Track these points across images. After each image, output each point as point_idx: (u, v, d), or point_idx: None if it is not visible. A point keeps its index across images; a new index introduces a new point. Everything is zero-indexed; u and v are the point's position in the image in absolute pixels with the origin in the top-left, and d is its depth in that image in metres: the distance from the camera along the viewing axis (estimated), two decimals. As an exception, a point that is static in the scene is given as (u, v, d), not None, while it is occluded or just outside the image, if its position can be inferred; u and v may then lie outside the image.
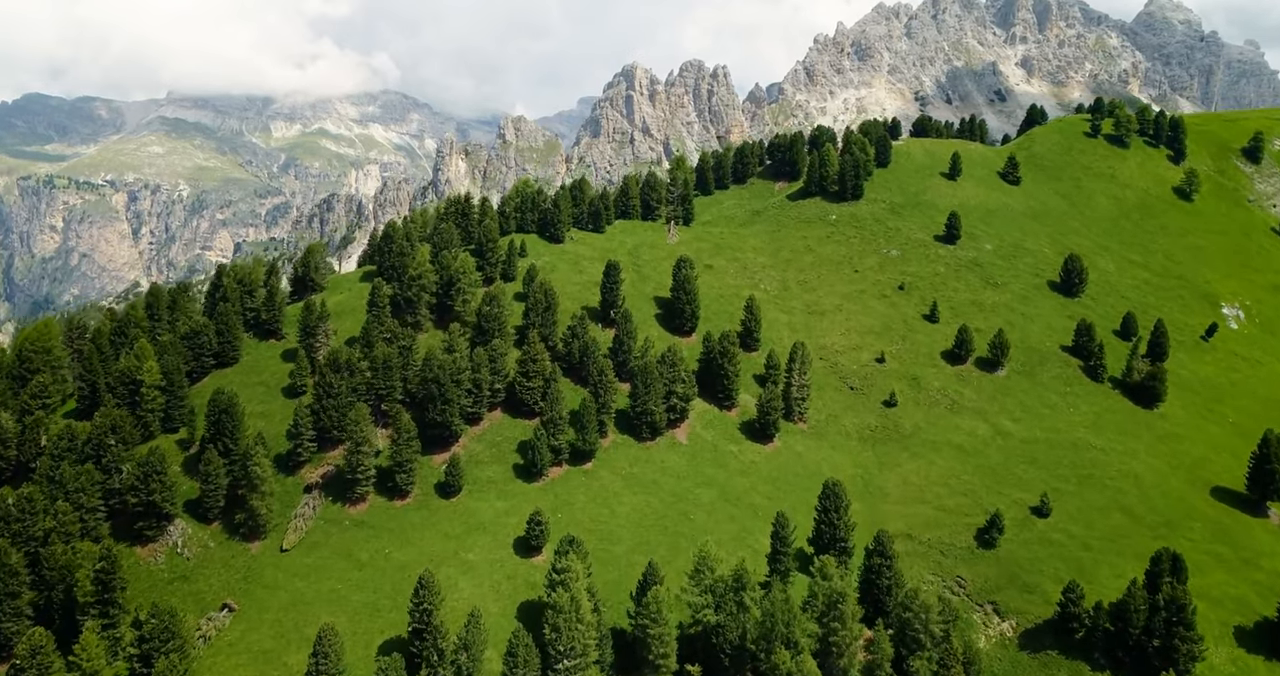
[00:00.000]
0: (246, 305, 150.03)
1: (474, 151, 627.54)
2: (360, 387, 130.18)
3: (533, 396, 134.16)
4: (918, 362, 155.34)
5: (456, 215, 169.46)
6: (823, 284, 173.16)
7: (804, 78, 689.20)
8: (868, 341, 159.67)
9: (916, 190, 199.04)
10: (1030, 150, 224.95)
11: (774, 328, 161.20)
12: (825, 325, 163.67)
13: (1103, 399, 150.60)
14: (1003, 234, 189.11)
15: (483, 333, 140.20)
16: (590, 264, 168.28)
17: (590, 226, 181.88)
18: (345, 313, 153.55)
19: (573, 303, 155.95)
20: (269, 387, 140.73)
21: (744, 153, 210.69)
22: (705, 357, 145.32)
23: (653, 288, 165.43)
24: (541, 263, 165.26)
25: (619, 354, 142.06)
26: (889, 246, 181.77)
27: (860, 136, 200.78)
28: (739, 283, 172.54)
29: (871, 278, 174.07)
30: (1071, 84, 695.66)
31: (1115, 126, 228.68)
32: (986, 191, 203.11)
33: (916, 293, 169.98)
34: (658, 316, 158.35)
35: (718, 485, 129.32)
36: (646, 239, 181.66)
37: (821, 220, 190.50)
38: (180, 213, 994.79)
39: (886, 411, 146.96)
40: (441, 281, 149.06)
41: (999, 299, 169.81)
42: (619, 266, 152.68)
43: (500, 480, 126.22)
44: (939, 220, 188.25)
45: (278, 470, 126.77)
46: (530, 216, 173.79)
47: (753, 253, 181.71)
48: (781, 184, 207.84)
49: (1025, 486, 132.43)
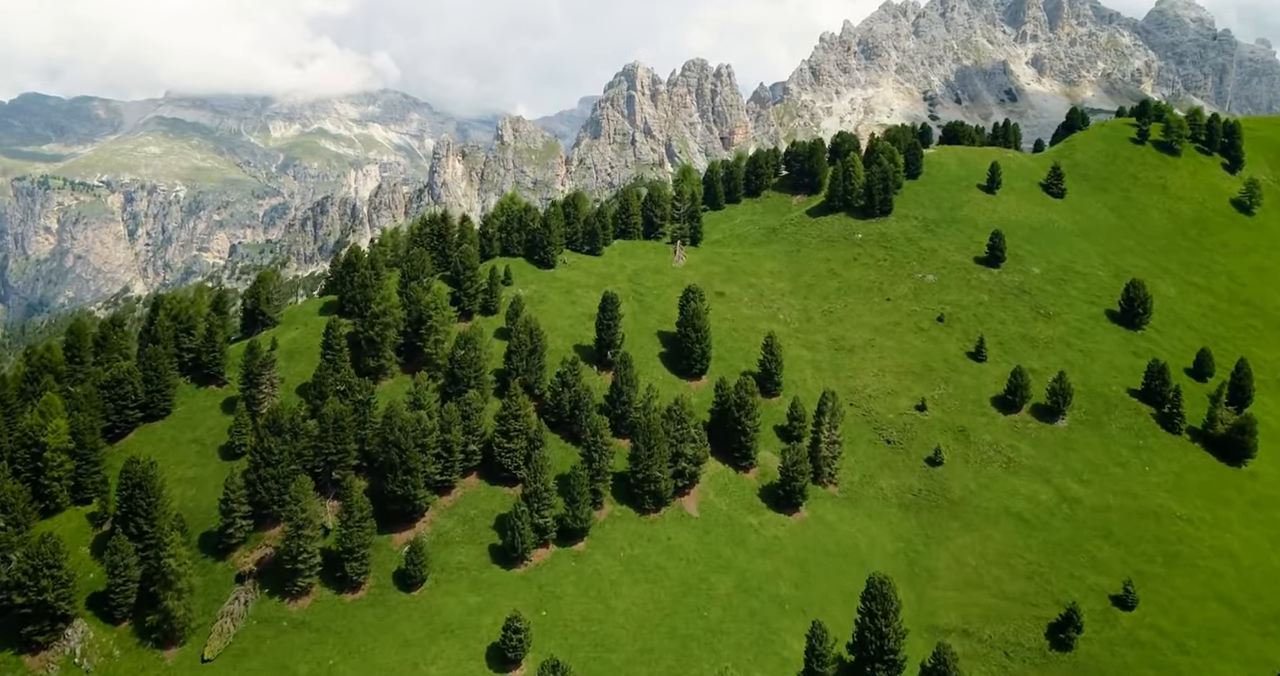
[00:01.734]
0: (183, 344, 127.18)
1: (471, 153, 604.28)
2: (306, 452, 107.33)
3: (514, 459, 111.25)
4: (964, 411, 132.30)
5: (431, 236, 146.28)
6: (850, 314, 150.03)
7: (810, 77, 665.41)
8: (905, 384, 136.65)
9: (951, 205, 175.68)
10: (1072, 158, 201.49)
11: (796, 367, 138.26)
12: (855, 364, 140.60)
13: (1181, 454, 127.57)
14: (1050, 254, 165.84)
15: (456, 381, 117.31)
16: (585, 293, 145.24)
17: (586, 248, 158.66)
18: (301, 352, 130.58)
19: (564, 340, 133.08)
20: (204, 446, 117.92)
21: (758, 162, 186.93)
22: (718, 408, 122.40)
23: (656, 320, 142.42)
24: (529, 292, 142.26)
25: (617, 404, 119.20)
26: (924, 270, 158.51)
27: (888, 144, 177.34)
28: (755, 313, 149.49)
29: (906, 307, 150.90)
30: (1083, 83, 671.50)
31: (1165, 132, 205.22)
32: (1029, 205, 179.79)
33: (958, 325, 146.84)
34: (662, 356, 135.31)
35: (735, 570, 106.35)
36: (649, 262, 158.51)
37: (846, 239, 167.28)
38: (177, 214, 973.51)
39: (931, 471, 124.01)
40: (410, 318, 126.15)
41: (1053, 332, 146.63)
42: (617, 299, 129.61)
43: (473, 566, 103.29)
44: (979, 239, 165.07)
45: (205, 554, 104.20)
46: (517, 237, 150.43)
47: (769, 277, 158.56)
48: (800, 197, 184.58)
49: (1102, 568, 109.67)
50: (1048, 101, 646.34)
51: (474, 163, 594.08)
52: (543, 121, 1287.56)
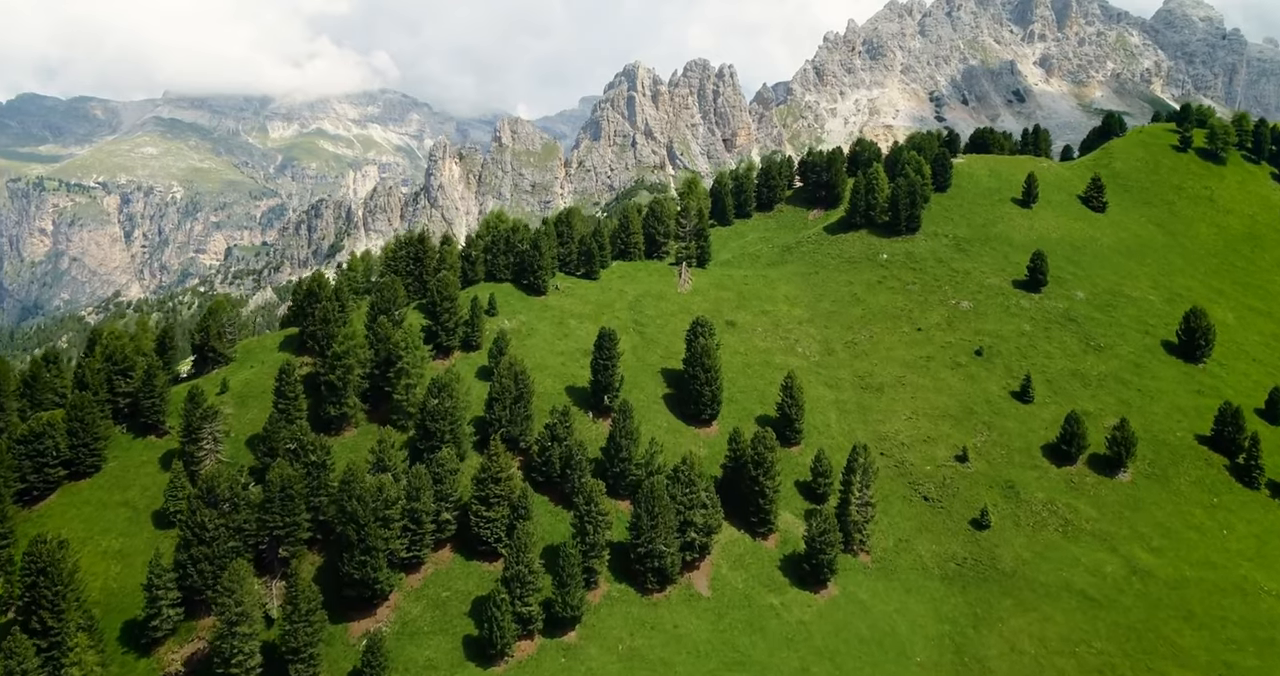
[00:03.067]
0: (119, 388, 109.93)
1: (468, 155, 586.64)
2: (249, 525, 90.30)
3: (494, 531, 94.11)
4: (1012, 462, 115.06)
5: (407, 260, 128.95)
6: (877, 347, 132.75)
7: (813, 77, 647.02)
8: (943, 430, 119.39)
9: (984, 220, 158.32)
10: (1111, 168, 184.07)
11: (818, 409, 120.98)
12: (884, 405, 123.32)
13: (1262, 514, 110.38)
14: (1095, 277, 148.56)
15: (428, 435, 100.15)
16: (579, 324, 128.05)
17: (581, 271, 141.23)
18: (255, 396, 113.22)
19: (555, 381, 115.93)
20: (135, 511, 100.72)
21: (770, 173, 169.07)
22: (732, 464, 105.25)
23: (660, 356, 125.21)
24: (516, 323, 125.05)
25: (615, 462, 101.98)
26: (958, 296, 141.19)
27: (914, 154, 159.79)
28: (770, 345, 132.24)
29: (939, 338, 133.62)
30: (1092, 84, 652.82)
31: (1209, 139, 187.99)
32: (1069, 221, 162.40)
33: (1000, 360, 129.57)
34: (667, 398, 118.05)
35: (754, 666, 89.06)
36: (652, 286, 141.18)
37: (870, 260, 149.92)
38: (174, 215, 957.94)
39: (977, 535, 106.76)
40: (378, 357, 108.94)
41: (1106, 367, 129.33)
42: (615, 335, 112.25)
43: (444, 663, 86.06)
44: (1016, 260, 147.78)
45: (127, 648, 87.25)
46: (504, 260, 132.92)
47: (786, 304, 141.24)
48: (817, 212, 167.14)
49: (1186, 659, 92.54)
50: (1057, 102, 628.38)
51: (471, 165, 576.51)
52: (543, 121, 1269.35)
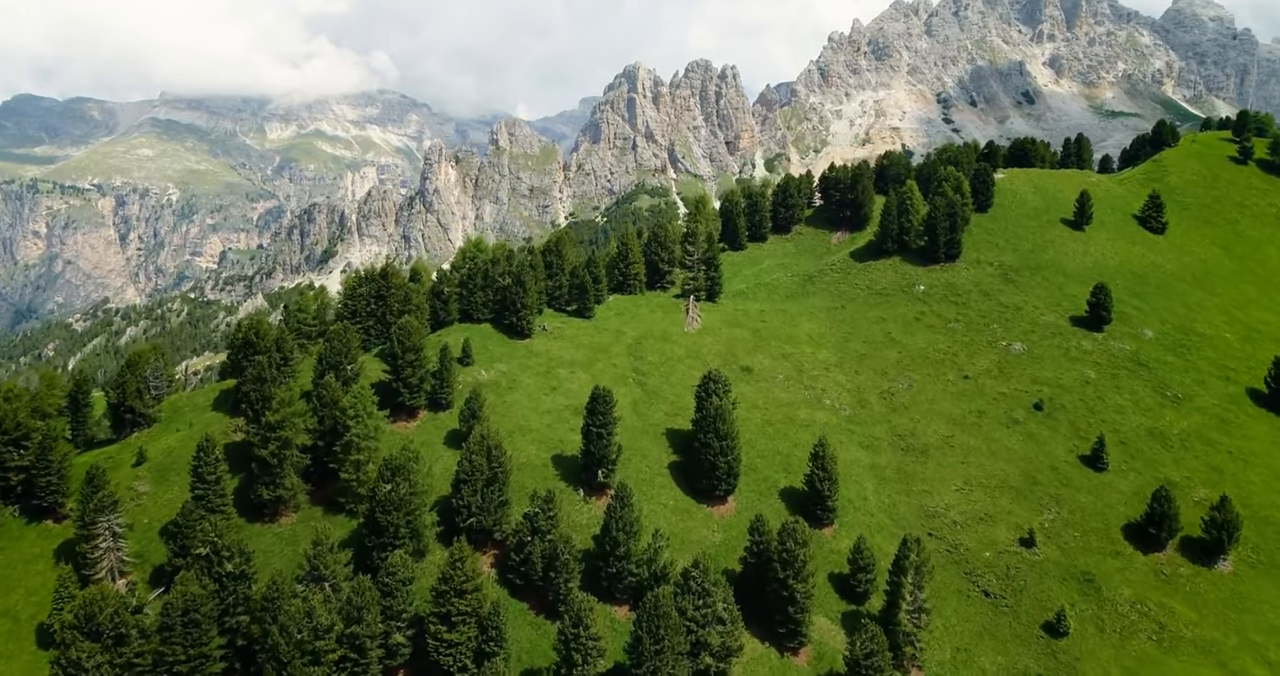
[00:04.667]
0: (9, 462, 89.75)
1: (465, 158, 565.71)
2: (142, 660, 70.11)
3: (458, 658, 73.93)
4: (1088, 547, 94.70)
5: (368, 299, 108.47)
6: (918, 399, 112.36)
7: (818, 78, 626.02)
8: (1002, 505, 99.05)
9: (1033, 245, 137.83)
10: (1165, 182, 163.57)
11: (852, 476, 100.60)
12: (930, 472, 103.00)
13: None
14: (1162, 311, 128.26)
15: (378, 529, 79.96)
16: (570, 374, 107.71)
17: (573, 307, 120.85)
18: (178, 468, 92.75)
19: (539, 448, 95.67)
20: (17, 623, 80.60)
21: (788, 191, 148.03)
22: (754, 558, 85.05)
23: (665, 412, 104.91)
24: (495, 375, 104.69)
25: (611, 559, 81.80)
26: (1008, 336, 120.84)
27: (952, 169, 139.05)
28: (793, 396, 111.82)
29: (991, 388, 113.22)
30: (1103, 84, 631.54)
31: (1273, 149, 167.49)
32: (1126, 245, 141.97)
33: (1063, 415, 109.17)
34: (675, 467, 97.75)
35: None
36: (654, 325, 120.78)
37: (904, 292, 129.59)
38: (170, 218, 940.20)
39: (1052, 645, 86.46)
40: (324, 425, 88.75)
41: (1188, 424, 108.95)
42: (611, 397, 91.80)
43: None
44: (1073, 292, 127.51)
45: None
46: (481, 297, 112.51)
47: (810, 345, 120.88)
48: (841, 235, 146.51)
49: None
50: (1067, 103, 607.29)
51: (468, 169, 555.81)
52: (543, 122, 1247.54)
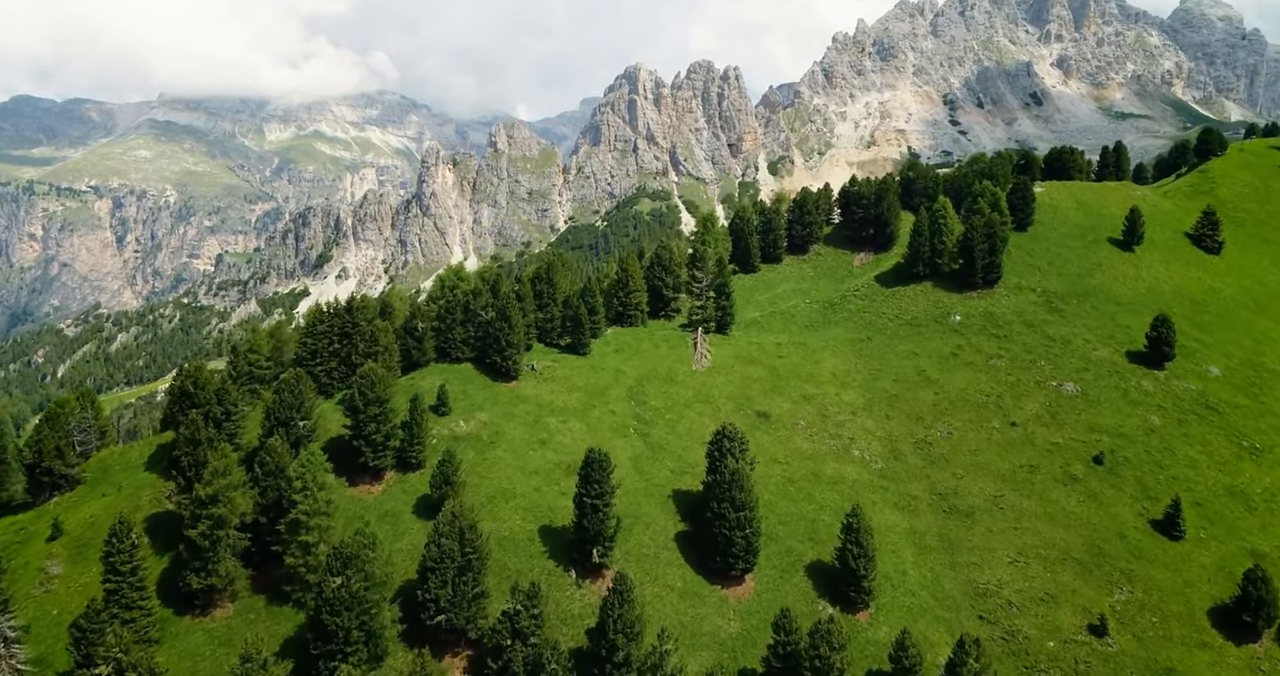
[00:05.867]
0: (-103, 540, 75.24)
1: (462, 161, 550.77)
2: None
3: (418, 803, 59.47)
4: (1169, 636, 79.94)
5: (331, 336, 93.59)
6: (959, 450, 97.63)
7: (821, 79, 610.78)
8: (1064, 581, 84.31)
9: (1079, 269, 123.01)
10: (1214, 195, 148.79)
11: (888, 544, 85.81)
12: (978, 540, 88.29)
13: None
14: (1227, 344, 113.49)
15: (325, 634, 65.38)
16: (562, 424, 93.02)
17: (566, 342, 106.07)
18: (100, 543, 78.51)
19: (525, 517, 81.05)
20: (-113, 747, 66.24)
21: (804, 207, 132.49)
22: (780, 660, 70.36)
23: (671, 468, 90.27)
24: (475, 426, 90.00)
25: (608, 667, 67.25)
26: (1058, 374, 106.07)
27: (987, 183, 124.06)
28: (817, 447, 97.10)
29: (1043, 438, 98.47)
30: (1112, 85, 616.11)
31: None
32: (1181, 267, 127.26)
33: (1128, 471, 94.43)
34: (682, 538, 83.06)
35: None
36: (659, 363, 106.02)
37: (938, 323, 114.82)
38: (167, 219, 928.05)
39: (1135, 763, 72.03)
40: (268, 499, 74.13)
41: (1271, 480, 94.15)
42: (608, 461, 77.11)
43: None
44: (1127, 323, 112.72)
45: None
46: (461, 333, 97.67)
47: (834, 384, 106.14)
48: (864, 256, 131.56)
49: None
50: (1076, 105, 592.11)
51: (465, 171, 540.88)
52: (544, 123, 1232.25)
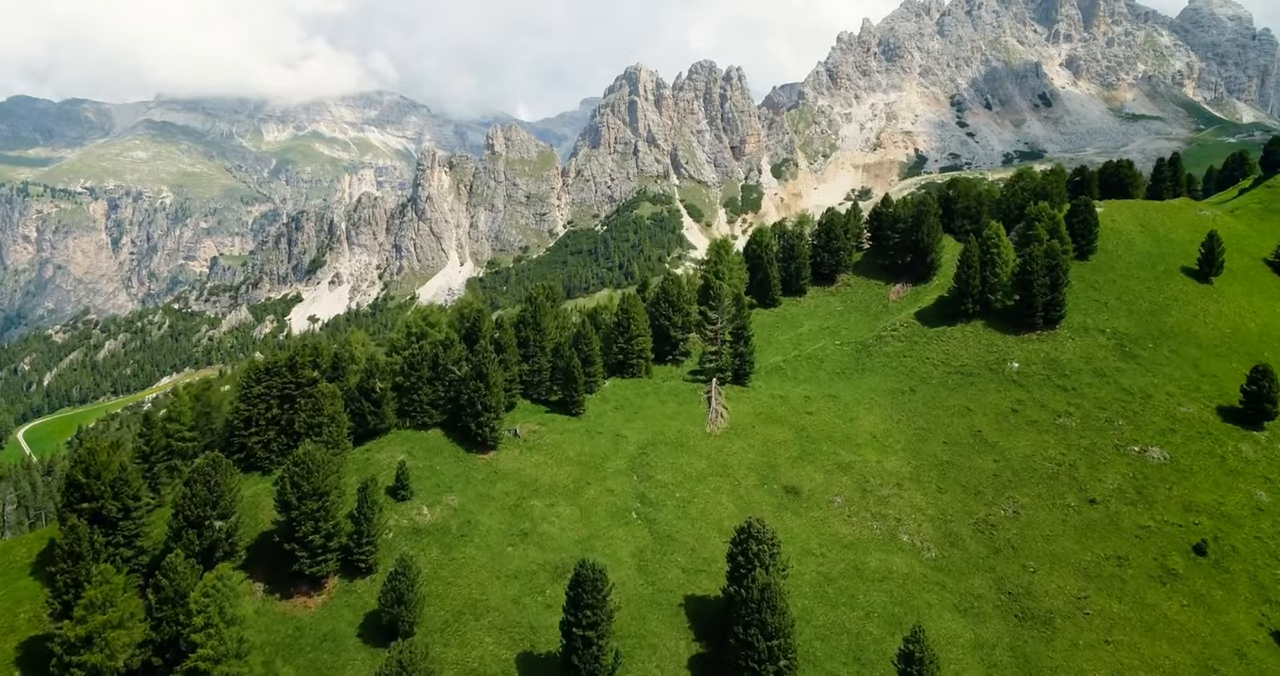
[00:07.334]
0: None
1: (459, 163, 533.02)
2: None
3: None
4: (1317, 797, 62.99)
5: (273, 399, 76.10)
6: (1029, 535, 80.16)
7: (826, 80, 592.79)
8: (1174, 717, 67.13)
9: (1151, 305, 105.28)
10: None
11: (950, 661, 68.23)
12: (1060, 658, 70.80)
13: None
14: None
15: None
16: (549, 508, 75.55)
17: (556, 397, 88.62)
18: (-40, 676, 61.44)
19: (499, 641, 63.63)
20: None
21: (832, 232, 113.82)
22: None
23: (682, 568, 72.78)
24: (441, 515, 72.56)
25: None
26: (1140, 437, 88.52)
27: (1044, 205, 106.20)
28: (858, 532, 79.67)
29: (1129, 520, 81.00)
30: (1122, 86, 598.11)
31: None
32: (1265, 302, 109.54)
33: (1237, 563, 76.95)
34: (698, 663, 65.72)
35: None
36: (666, 425, 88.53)
37: (993, 370, 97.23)
38: (163, 221, 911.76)
39: None
40: (163, 635, 56.76)
41: None
42: (603, 579, 59.79)
43: None
44: (1213, 371, 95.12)
45: None
46: (430, 393, 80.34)
47: (874, 449, 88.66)
48: (901, 287, 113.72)
49: None
50: (1086, 106, 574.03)
51: (462, 174, 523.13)
52: (544, 123, 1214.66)
